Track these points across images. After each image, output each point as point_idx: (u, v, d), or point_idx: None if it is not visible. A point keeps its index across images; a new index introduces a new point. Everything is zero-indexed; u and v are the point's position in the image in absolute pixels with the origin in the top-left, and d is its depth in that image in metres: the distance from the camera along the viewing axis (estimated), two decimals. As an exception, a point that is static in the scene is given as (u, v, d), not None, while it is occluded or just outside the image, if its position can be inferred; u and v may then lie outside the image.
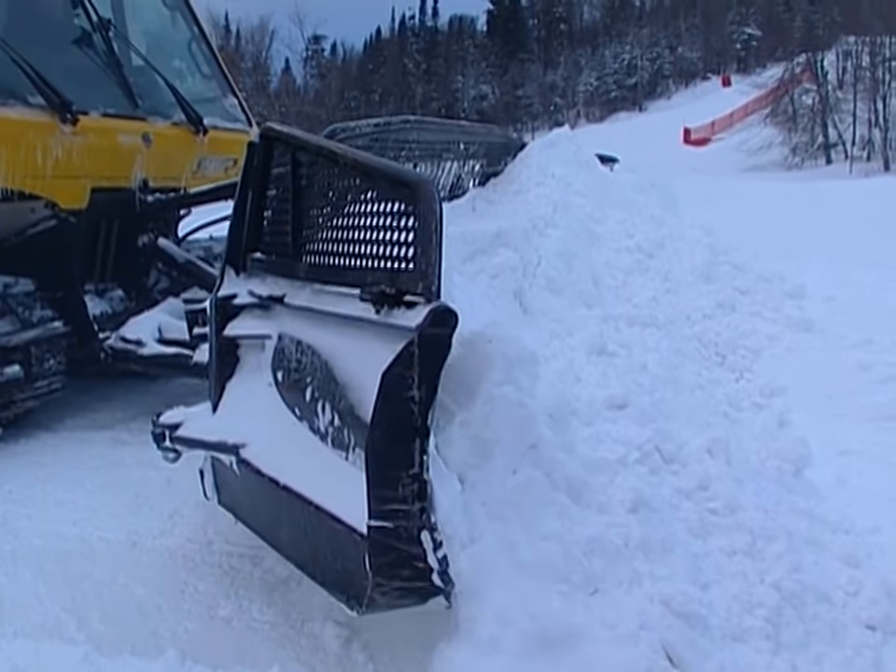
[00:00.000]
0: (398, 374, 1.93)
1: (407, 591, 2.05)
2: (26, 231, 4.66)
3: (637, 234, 4.97)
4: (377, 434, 1.97)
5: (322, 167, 2.65)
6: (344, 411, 2.27)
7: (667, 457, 2.84)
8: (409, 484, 1.94)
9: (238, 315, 2.97)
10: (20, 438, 4.56)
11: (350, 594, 2.17)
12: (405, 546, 1.97)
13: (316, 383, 2.44)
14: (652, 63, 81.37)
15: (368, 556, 1.98)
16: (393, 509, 1.96)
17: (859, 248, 8.86)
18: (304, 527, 2.34)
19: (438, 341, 1.94)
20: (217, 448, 2.78)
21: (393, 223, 2.20)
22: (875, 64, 44.01)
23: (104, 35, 5.07)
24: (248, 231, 3.00)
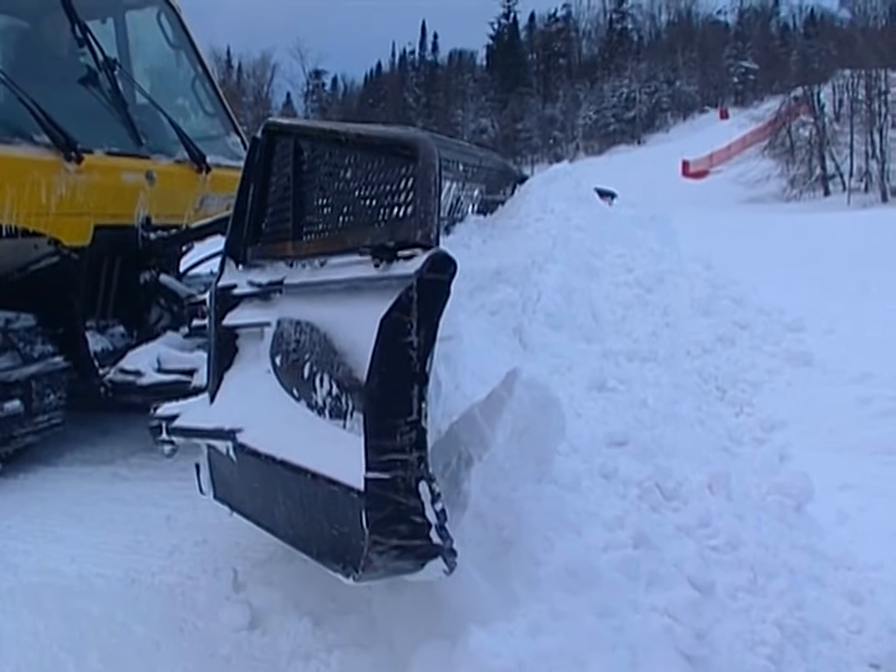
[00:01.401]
0: (396, 320, 1.92)
1: (404, 550, 2.00)
2: (29, 267, 4.69)
3: (636, 268, 4.98)
4: (375, 382, 1.95)
5: (323, 149, 2.69)
6: (343, 377, 2.25)
7: (668, 494, 2.84)
8: (407, 433, 1.92)
9: (238, 305, 2.97)
10: (19, 472, 4.55)
11: (346, 560, 2.14)
12: (403, 498, 1.94)
13: (315, 357, 2.42)
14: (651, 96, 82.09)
15: (364, 512, 1.95)
16: (390, 459, 1.93)
17: (857, 281, 8.90)
18: (301, 499, 2.32)
19: (436, 286, 1.94)
20: (213, 435, 2.77)
21: (393, 185, 2.23)
22: (870, 97, 44.46)
23: (109, 74, 5.14)
24: (249, 223, 3.01)
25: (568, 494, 2.51)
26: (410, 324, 1.91)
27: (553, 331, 3.72)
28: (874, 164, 43.40)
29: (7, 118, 4.41)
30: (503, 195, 5.27)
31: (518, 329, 3.44)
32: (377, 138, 2.39)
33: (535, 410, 2.44)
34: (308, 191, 2.77)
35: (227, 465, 2.75)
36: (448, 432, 2.21)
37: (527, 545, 2.29)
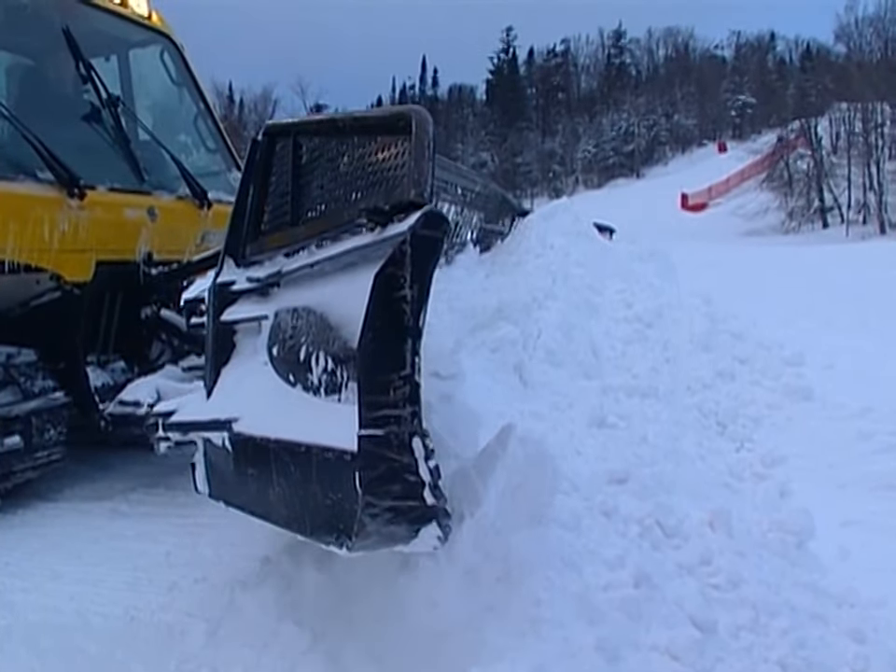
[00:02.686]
0: (390, 275, 1.96)
1: (398, 513, 2.00)
2: (30, 303, 4.69)
3: (635, 304, 5.00)
4: (369, 337, 1.97)
5: (321, 140, 2.76)
6: (338, 350, 2.26)
7: (669, 532, 2.83)
8: (400, 387, 1.94)
9: (236, 301, 2.99)
10: (17, 508, 4.52)
11: (340, 529, 2.14)
12: (396, 455, 1.94)
13: (311, 338, 2.44)
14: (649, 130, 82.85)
15: (358, 473, 1.96)
16: (384, 415, 1.94)
17: (857, 314, 8.91)
18: (295, 475, 2.33)
19: (429, 242, 1.98)
20: (209, 426, 2.78)
21: (390, 159, 2.30)
22: (867, 130, 44.84)
23: (112, 110, 5.16)
24: (249, 222, 3.05)
25: (569, 533, 2.51)
26: (403, 278, 1.95)
27: (553, 368, 3.73)
28: (871, 196, 43.66)
29: (12, 154, 4.43)
30: (502, 226, 5.29)
31: (518, 366, 3.46)
32: (372, 118, 2.50)
33: (529, 465, 2.45)
34: (308, 183, 2.84)
35: (222, 458, 2.76)
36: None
37: (528, 585, 2.28)
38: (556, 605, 2.28)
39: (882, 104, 43.99)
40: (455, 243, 4.33)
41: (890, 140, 45.04)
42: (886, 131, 44.96)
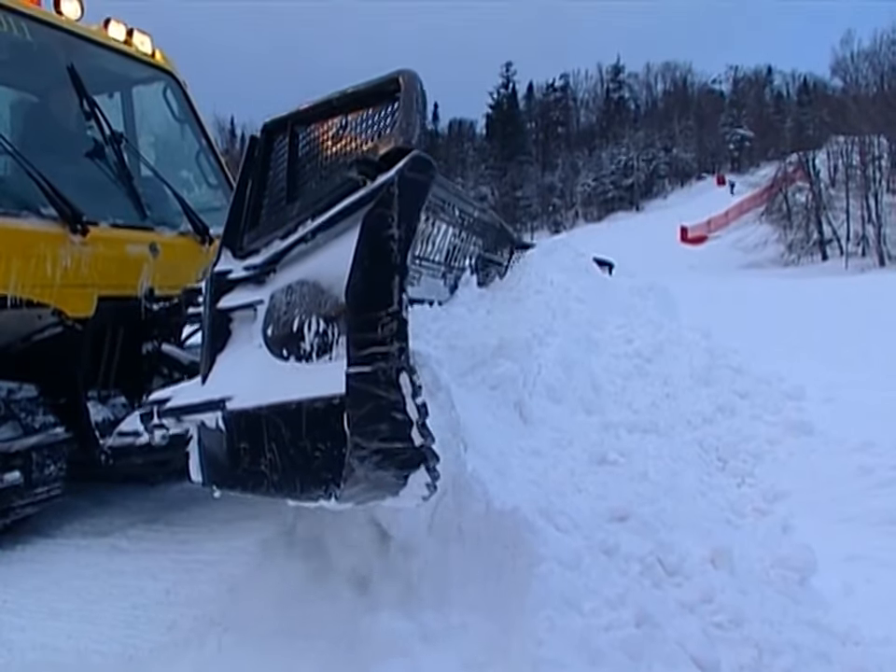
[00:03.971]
0: (378, 214, 2.02)
1: (386, 456, 2.02)
2: (32, 338, 4.70)
3: (635, 339, 5.01)
4: (358, 276, 2.03)
5: (317, 124, 2.85)
6: (330, 308, 2.31)
7: (670, 569, 2.82)
8: (388, 324, 1.97)
9: (233, 289, 3.03)
10: (16, 544, 4.50)
11: (328, 479, 2.16)
12: (384, 392, 1.96)
13: (304, 308, 2.48)
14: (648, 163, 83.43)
15: (347, 412, 1.99)
16: (372, 352, 1.97)
17: (857, 347, 8.93)
18: (286, 435, 2.35)
19: (416, 184, 2.06)
20: (204, 408, 2.81)
21: (384, 120, 2.41)
22: (865, 163, 45.14)
23: (115, 147, 5.22)
24: (247, 215, 3.13)
25: (569, 571, 2.50)
26: (391, 217, 2.01)
27: (553, 404, 3.73)
28: (870, 229, 43.84)
29: (16, 190, 4.47)
30: (500, 256, 5.31)
31: (519, 403, 3.46)
32: (364, 88, 2.58)
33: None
34: (304, 166, 2.93)
35: (216, 440, 2.78)
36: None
37: (529, 625, 2.27)
38: (557, 645, 2.27)
39: (879, 137, 44.34)
40: (454, 267, 4.33)
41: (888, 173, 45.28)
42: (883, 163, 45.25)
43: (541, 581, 2.41)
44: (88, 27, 5.60)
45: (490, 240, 4.96)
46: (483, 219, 4.63)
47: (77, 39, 5.41)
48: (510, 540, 2.60)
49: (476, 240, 4.63)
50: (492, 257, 5.06)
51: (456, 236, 4.19)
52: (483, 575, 2.63)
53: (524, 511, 2.66)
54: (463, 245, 4.35)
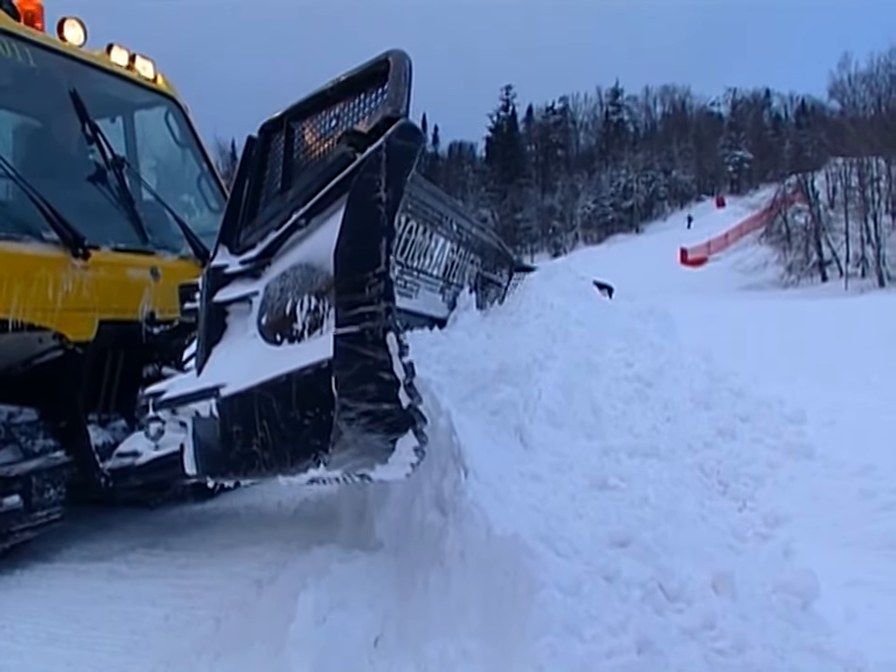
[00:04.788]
0: (367, 179, 2.07)
1: (374, 419, 2.03)
2: (32, 361, 4.71)
3: (635, 363, 5.01)
4: (346, 239, 2.07)
5: (311, 118, 2.93)
6: (321, 283, 2.35)
7: (671, 595, 2.81)
8: (375, 284, 2.00)
9: (229, 283, 3.08)
10: (14, 568, 4.49)
11: (317, 446, 2.18)
12: (371, 352, 1.99)
13: (297, 289, 2.52)
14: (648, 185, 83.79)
15: (334, 374, 2.01)
16: (359, 312, 2.01)
17: (857, 369, 8.92)
18: (277, 408, 2.39)
19: (404, 151, 2.11)
20: (198, 396, 2.84)
21: (372, 102, 2.48)
22: (863, 184, 45.23)
23: (117, 171, 5.26)
24: (244, 212, 3.19)
25: (570, 598, 2.49)
26: (379, 181, 2.06)
27: (553, 429, 3.73)
28: (869, 250, 43.87)
29: (18, 214, 4.50)
30: (500, 277, 5.32)
31: (519, 427, 3.46)
32: (355, 73, 2.65)
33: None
34: (299, 155, 3.00)
35: (210, 428, 2.81)
36: None
37: (530, 652, 2.26)
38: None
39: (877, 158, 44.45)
40: (452, 283, 4.34)
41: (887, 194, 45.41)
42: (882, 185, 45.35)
43: (542, 607, 2.40)
44: (91, 52, 5.66)
45: (489, 259, 4.98)
46: (481, 237, 4.64)
47: (79, 64, 5.46)
48: (510, 566, 2.60)
49: (475, 258, 4.64)
50: (491, 276, 5.07)
51: (454, 252, 4.21)
52: (483, 601, 2.62)
53: (524, 537, 2.66)
54: (461, 261, 4.36)
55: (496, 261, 5.18)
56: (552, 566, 2.61)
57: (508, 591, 2.57)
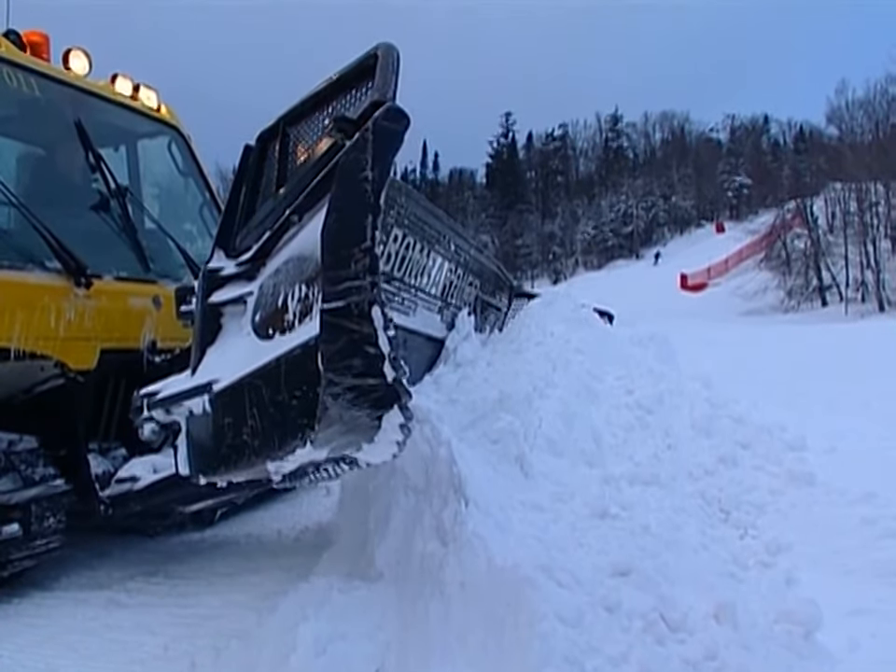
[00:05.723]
0: (353, 159, 2.11)
1: (360, 394, 2.05)
2: (34, 389, 4.71)
3: (636, 390, 5.01)
4: (333, 217, 2.10)
5: (305, 121, 2.99)
6: (311, 271, 2.37)
7: (673, 625, 2.79)
8: (360, 259, 2.04)
9: (224, 285, 3.13)
10: (13, 597, 4.46)
11: (304, 424, 2.20)
12: (356, 325, 2.02)
13: (289, 281, 2.56)
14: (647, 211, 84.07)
15: (320, 349, 2.03)
16: (345, 287, 2.04)
17: (858, 395, 8.91)
18: (266, 393, 2.42)
19: (390, 132, 2.17)
20: (191, 394, 2.89)
21: (361, 94, 2.53)
22: (862, 210, 45.40)
23: (119, 200, 5.28)
24: (240, 218, 3.25)
25: (571, 629, 2.48)
26: (365, 161, 2.10)
27: (554, 458, 3.72)
28: (869, 275, 43.93)
29: (22, 243, 4.51)
30: (499, 301, 5.33)
31: (520, 457, 3.46)
32: (346, 70, 2.71)
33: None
34: (293, 157, 3.05)
35: (203, 425, 2.84)
36: None
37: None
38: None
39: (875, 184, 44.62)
40: (451, 303, 4.34)
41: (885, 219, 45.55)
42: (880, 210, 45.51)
43: (543, 639, 2.39)
44: (95, 82, 5.71)
45: (489, 283, 5.00)
46: (480, 260, 4.66)
47: (84, 94, 5.51)
48: (511, 597, 2.59)
49: (473, 280, 4.65)
50: (490, 300, 5.09)
51: (453, 272, 4.22)
52: (484, 632, 2.61)
53: (525, 568, 2.65)
54: (460, 282, 4.38)
55: (495, 285, 5.20)
56: (553, 596, 2.60)
57: (509, 622, 2.57)
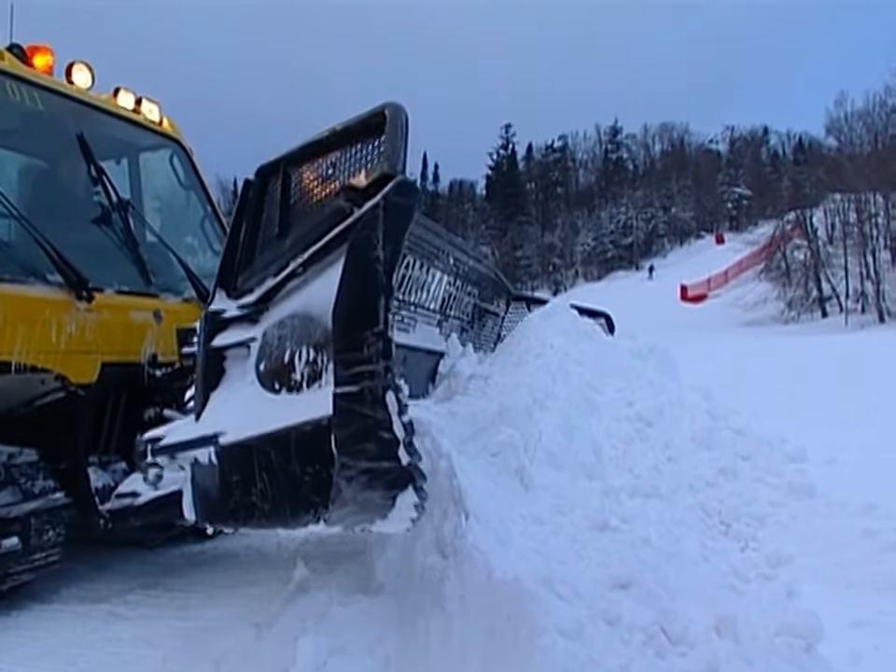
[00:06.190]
0: (364, 237, 2.07)
1: (374, 476, 2.02)
2: (34, 403, 4.71)
3: (636, 402, 5.01)
4: (344, 297, 2.07)
5: (308, 165, 2.94)
6: (320, 336, 2.33)
7: (674, 638, 2.79)
8: (374, 343, 2.00)
9: (227, 328, 3.07)
10: (12, 610, 4.45)
11: (317, 502, 2.16)
12: (370, 411, 1.98)
13: (295, 339, 2.51)
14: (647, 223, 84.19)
15: (334, 432, 1.99)
16: (358, 371, 2.00)
17: (857, 406, 8.91)
18: (276, 461, 2.37)
19: (401, 208, 2.12)
20: (197, 444, 2.83)
21: (369, 154, 2.48)
22: (861, 220, 45.40)
23: (121, 214, 5.28)
24: (241, 256, 3.19)
25: (571, 642, 2.47)
26: (377, 239, 2.06)
27: (554, 470, 3.73)
28: (869, 285, 43.91)
29: (23, 257, 4.50)
30: (497, 307, 5.34)
31: (520, 469, 3.46)
32: (352, 123, 2.65)
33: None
34: (296, 203, 3.01)
35: (209, 475, 2.79)
36: None
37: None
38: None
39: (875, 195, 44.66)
40: (449, 315, 4.34)
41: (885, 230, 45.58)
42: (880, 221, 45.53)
43: (543, 652, 2.38)
44: (98, 96, 5.72)
45: (486, 290, 5.01)
46: (478, 269, 4.67)
47: (86, 108, 5.52)
48: (511, 611, 2.59)
49: (472, 289, 4.67)
50: (488, 307, 5.10)
51: (451, 284, 4.23)
52: (484, 646, 2.61)
53: (525, 581, 2.65)
54: (458, 293, 4.39)
55: (493, 292, 5.22)
56: (553, 609, 2.60)
57: (509, 635, 2.56)
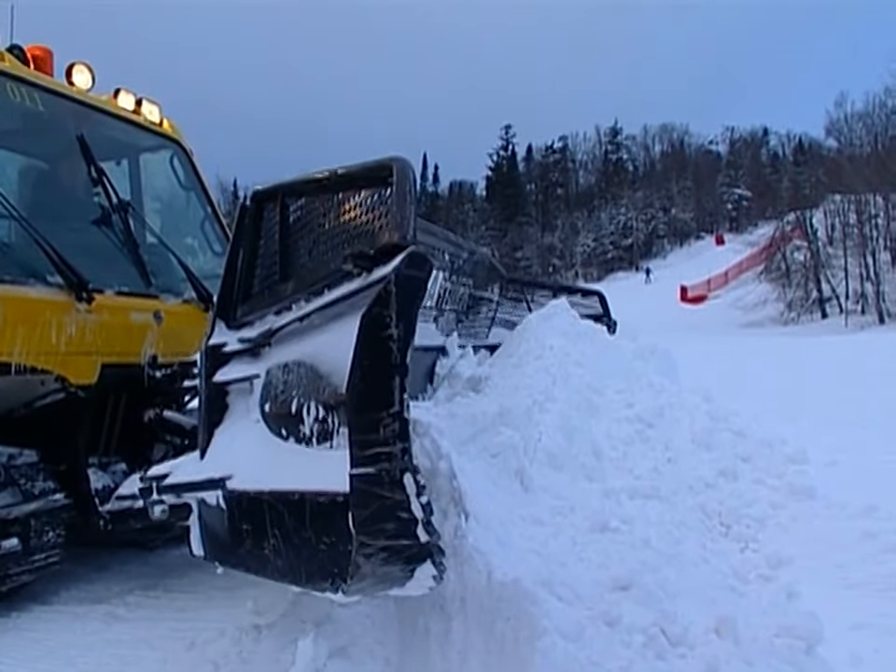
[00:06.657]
0: (376, 315, 2.02)
1: (392, 552, 2.00)
2: (34, 404, 4.70)
3: (636, 404, 5.01)
4: (357, 376, 2.02)
5: (308, 199, 2.86)
6: (329, 397, 2.29)
7: (674, 640, 2.79)
8: (390, 424, 1.97)
9: (228, 362, 3.03)
10: (11, 611, 4.44)
11: (334, 574, 2.13)
12: (388, 493, 1.95)
13: (302, 390, 2.47)
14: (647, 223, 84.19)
15: (351, 511, 1.96)
16: (375, 453, 1.96)
17: (857, 407, 8.91)
18: (289, 524, 2.34)
19: (413, 281, 2.06)
20: (204, 486, 2.80)
21: (375, 207, 2.39)
22: (861, 221, 45.41)
23: (121, 215, 5.27)
24: (239, 284, 3.13)
25: (571, 644, 2.47)
26: (389, 317, 2.02)
27: (554, 472, 3.72)
28: (869, 287, 43.90)
29: (23, 258, 4.50)
30: (491, 293, 5.33)
31: (519, 471, 3.46)
32: (355, 171, 2.58)
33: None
34: (296, 241, 2.92)
35: (217, 517, 2.77)
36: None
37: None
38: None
39: (875, 196, 44.66)
40: (445, 309, 4.34)
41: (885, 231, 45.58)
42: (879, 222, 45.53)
43: (544, 654, 2.38)
44: (98, 97, 5.72)
45: (480, 278, 5.00)
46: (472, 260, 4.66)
47: (86, 109, 5.52)
48: (511, 612, 2.59)
49: (466, 280, 4.66)
50: (482, 294, 5.09)
51: (447, 280, 4.22)
52: (484, 648, 2.61)
53: (525, 582, 2.65)
54: (453, 286, 4.38)
55: (487, 279, 5.21)
56: (553, 611, 2.60)
57: (509, 637, 2.56)
